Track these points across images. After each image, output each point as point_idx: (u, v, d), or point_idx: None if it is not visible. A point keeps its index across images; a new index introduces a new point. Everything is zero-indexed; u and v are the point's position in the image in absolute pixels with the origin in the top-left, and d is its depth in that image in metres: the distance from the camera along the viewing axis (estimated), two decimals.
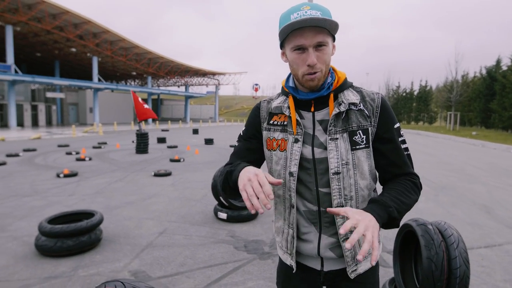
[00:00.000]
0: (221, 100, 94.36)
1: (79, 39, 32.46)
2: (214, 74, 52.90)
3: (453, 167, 10.75)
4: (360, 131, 1.15)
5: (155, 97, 54.60)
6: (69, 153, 11.79)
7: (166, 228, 4.42)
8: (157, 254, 3.58)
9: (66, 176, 7.64)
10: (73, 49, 34.68)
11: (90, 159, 10.47)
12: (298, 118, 1.19)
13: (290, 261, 1.29)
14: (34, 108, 33.62)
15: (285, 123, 1.23)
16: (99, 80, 36.75)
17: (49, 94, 32.70)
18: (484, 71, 40.07)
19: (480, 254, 3.91)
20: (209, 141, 16.67)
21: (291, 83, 1.23)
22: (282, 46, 1.19)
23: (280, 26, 1.11)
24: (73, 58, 39.73)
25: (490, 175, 9.54)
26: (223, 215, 4.67)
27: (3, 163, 9.31)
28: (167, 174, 8.05)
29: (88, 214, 3.94)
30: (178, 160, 10.40)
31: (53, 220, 3.74)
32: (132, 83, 58.10)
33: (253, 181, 0.96)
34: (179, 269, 3.26)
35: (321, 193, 1.18)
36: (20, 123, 31.24)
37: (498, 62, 37.75)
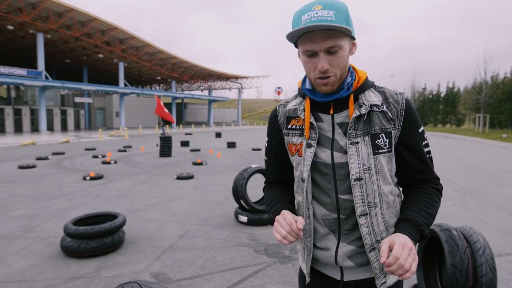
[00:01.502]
0: (244, 103, 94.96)
1: (106, 45, 33.56)
2: (237, 78, 53.26)
3: (482, 171, 10.33)
4: (383, 134, 1.08)
5: (179, 101, 55.62)
6: (95, 157, 12.17)
7: (187, 230, 4.47)
8: (178, 257, 3.62)
9: (92, 179, 7.88)
10: (100, 55, 35.88)
11: (115, 162, 10.76)
12: (313, 121, 1.12)
13: (305, 270, 1.26)
14: (63, 113, 34.97)
15: (303, 126, 1.16)
16: (125, 85, 37.85)
17: (78, 99, 33.91)
18: None
19: (509, 261, 3.73)
20: (231, 145, 16.78)
21: (307, 85, 1.16)
22: (296, 46, 1.11)
23: (292, 28, 1.04)
24: (100, 64, 41.08)
25: None
26: (243, 218, 4.67)
27: (33, 166, 9.72)
28: (190, 177, 8.15)
29: (111, 216, 4.03)
30: (201, 164, 10.52)
31: (78, 222, 3.85)
32: (157, 87, 59.41)
33: (288, 226, 1.04)
34: (199, 271, 3.28)
35: (341, 200, 1.12)
36: (50, 128, 32.54)
37: None
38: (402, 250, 0.91)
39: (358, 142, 1.08)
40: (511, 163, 12.55)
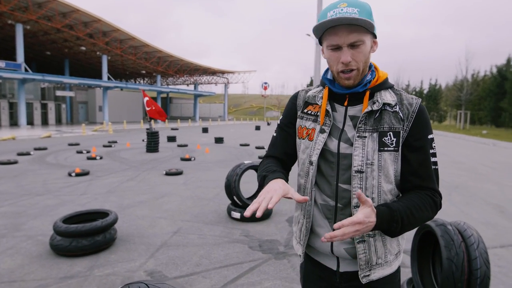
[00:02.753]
0: (230, 98, 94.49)
1: (89, 37, 32.75)
2: (223, 72, 52.94)
3: (465, 166, 10.60)
4: (391, 133, 1.11)
5: (164, 95, 54.87)
6: (79, 152, 11.90)
7: (180, 227, 4.41)
8: (172, 254, 3.57)
9: (77, 175, 7.70)
10: (83, 48, 35.03)
11: (101, 158, 10.55)
12: (329, 109, 1.18)
13: (300, 251, 1.28)
14: (44, 107, 34.02)
15: (318, 113, 1.22)
16: (109, 78, 37.05)
17: (59, 93, 33.04)
18: (494, 70, 39.50)
19: (496, 254, 3.85)
20: (219, 140, 16.69)
21: (329, 76, 1.22)
22: (321, 43, 1.17)
23: (317, 23, 1.10)
24: (82, 56, 40.12)
25: (502, 174, 9.40)
26: (236, 215, 4.65)
27: (15, 162, 9.42)
28: (179, 173, 8.06)
29: (103, 214, 3.95)
30: (189, 159, 10.42)
31: (68, 220, 3.75)
32: (142, 81, 58.48)
33: (268, 192, 1.00)
34: (195, 269, 3.25)
35: (340, 189, 1.16)
36: (30, 122, 31.63)
37: (509, 60, 37.24)
38: (350, 223, 0.95)
39: (365, 137, 1.12)
40: (492, 159, 12.93)
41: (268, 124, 42.03)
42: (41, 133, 20.36)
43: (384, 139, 1.11)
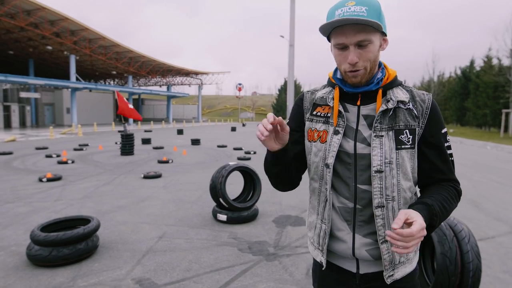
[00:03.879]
0: (204, 100, 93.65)
1: (56, 36, 31.40)
2: (196, 73, 52.35)
3: None
4: (407, 131, 1.11)
5: (136, 97, 53.45)
6: (49, 156, 11.33)
7: (165, 232, 4.27)
8: (159, 260, 3.44)
9: (49, 180, 7.32)
10: (49, 47, 33.55)
11: (72, 161, 10.09)
12: (342, 110, 1.15)
13: (320, 257, 1.24)
14: (7, 109, 32.28)
15: (329, 114, 1.19)
16: (77, 79, 35.68)
17: (23, 94, 31.48)
18: (459, 71, 41.42)
19: None
20: (195, 142, 16.44)
21: (339, 75, 1.20)
22: (329, 39, 1.15)
23: (325, 22, 1.08)
24: (48, 56, 38.43)
25: (473, 170, 9.81)
26: (223, 217, 4.56)
27: None
28: (158, 176, 7.85)
29: (83, 220, 3.75)
30: (167, 162, 10.18)
31: (46, 228, 3.53)
32: (112, 82, 56.82)
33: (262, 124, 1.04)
34: (185, 274, 3.14)
35: (359, 190, 1.14)
36: None
37: (472, 62, 39.16)
38: (419, 232, 0.91)
39: (382, 136, 1.11)
40: (462, 156, 13.49)
41: (243, 125, 41.89)
42: (4, 137, 19.28)
43: (401, 137, 1.11)
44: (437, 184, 1.15)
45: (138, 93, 43.29)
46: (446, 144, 1.16)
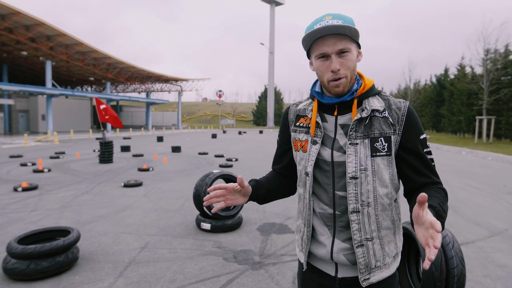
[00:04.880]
0: (183, 106, 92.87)
1: (31, 42, 30.57)
2: (176, 80, 51.92)
3: None
4: (382, 138, 1.15)
5: (114, 103, 52.49)
6: (24, 165, 10.92)
7: (147, 242, 4.17)
8: (143, 271, 3.35)
9: (24, 189, 7.04)
10: (24, 53, 32.60)
11: (49, 170, 9.76)
12: (319, 121, 1.22)
13: (302, 259, 1.31)
14: None
15: (309, 125, 1.26)
16: (53, 85, 34.75)
17: None
18: (434, 79, 42.79)
19: None
20: (176, 149, 16.23)
21: (317, 88, 1.27)
22: (308, 56, 1.23)
23: (304, 35, 1.15)
24: (23, 62, 37.31)
25: (450, 176, 10.09)
26: (206, 226, 4.50)
27: None
28: (138, 184, 7.68)
29: (62, 231, 3.62)
30: (147, 170, 9.99)
31: (23, 240, 3.39)
32: (90, 89, 55.58)
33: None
34: (170, 285, 3.07)
35: (337, 196, 1.19)
36: None
37: (446, 70, 40.49)
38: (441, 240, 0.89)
39: (357, 144, 1.15)
40: (439, 162, 13.85)
41: (224, 132, 41.80)
42: None
43: (376, 145, 1.15)
44: (425, 188, 1.17)
45: (117, 100, 42.55)
46: (426, 150, 1.19)
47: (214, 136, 29.99)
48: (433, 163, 1.20)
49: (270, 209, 5.76)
